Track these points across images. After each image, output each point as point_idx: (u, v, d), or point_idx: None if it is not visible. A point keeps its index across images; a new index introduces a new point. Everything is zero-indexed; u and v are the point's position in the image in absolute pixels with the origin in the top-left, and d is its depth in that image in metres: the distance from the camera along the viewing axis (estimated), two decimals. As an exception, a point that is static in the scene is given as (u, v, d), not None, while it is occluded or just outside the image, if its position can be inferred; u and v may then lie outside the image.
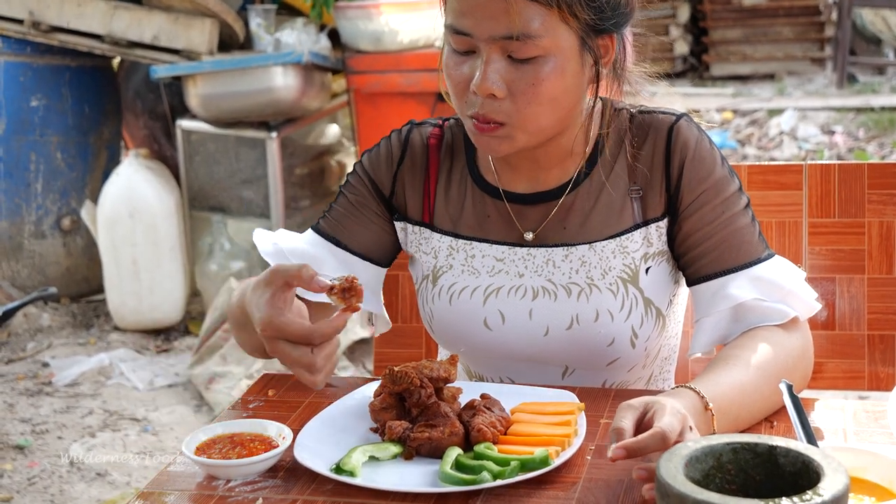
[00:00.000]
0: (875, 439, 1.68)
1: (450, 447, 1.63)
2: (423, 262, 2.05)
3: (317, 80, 5.40)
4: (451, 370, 1.74)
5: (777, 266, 1.91)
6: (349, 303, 1.66)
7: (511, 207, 1.98)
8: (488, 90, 1.78)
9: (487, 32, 1.76)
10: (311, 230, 2.07)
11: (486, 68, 1.78)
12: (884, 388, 2.23)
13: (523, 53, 1.77)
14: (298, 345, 1.63)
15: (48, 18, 5.55)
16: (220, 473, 1.63)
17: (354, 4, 5.20)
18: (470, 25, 1.77)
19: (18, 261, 5.92)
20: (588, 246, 1.93)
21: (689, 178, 1.91)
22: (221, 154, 5.62)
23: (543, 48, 1.77)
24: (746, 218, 1.92)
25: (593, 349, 1.93)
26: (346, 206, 2.06)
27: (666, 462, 1.25)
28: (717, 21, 11.67)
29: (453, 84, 1.85)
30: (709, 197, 1.90)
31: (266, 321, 1.64)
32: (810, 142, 8.97)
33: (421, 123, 2.08)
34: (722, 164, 1.93)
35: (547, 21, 1.76)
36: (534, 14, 1.75)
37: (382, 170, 2.06)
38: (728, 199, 1.91)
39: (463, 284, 1.99)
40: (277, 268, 1.67)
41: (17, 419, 4.69)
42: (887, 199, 2.23)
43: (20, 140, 5.78)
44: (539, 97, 1.80)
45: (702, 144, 1.93)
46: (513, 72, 1.78)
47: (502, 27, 1.75)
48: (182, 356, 5.36)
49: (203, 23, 5.38)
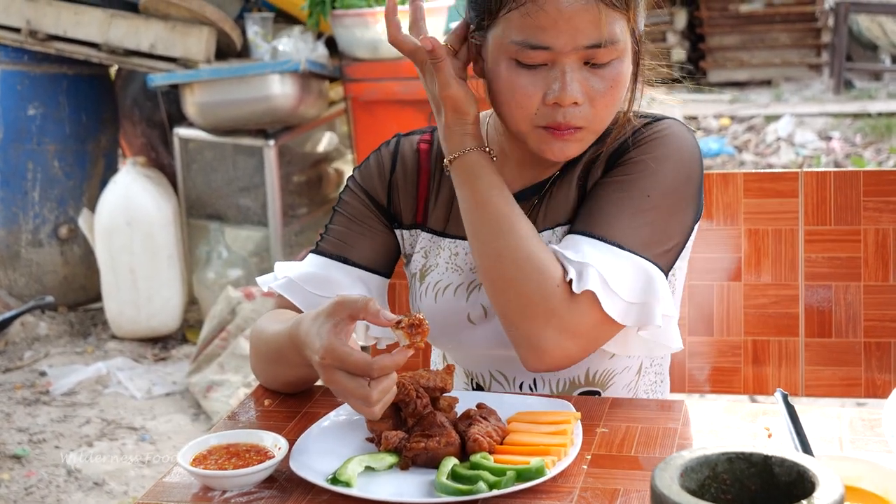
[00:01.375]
0: (870, 448, 1.68)
1: (446, 457, 1.63)
2: (414, 261, 2.06)
3: (314, 88, 5.41)
4: (448, 380, 1.74)
5: (656, 279, 1.83)
6: (413, 340, 1.64)
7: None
8: (573, 99, 1.80)
9: (572, 44, 1.78)
10: (313, 254, 2.05)
11: (565, 79, 1.79)
12: (880, 396, 2.23)
13: (604, 59, 1.81)
14: (356, 376, 1.62)
15: (45, 27, 5.56)
16: (215, 484, 1.63)
17: (351, 12, 5.20)
18: (551, 39, 1.78)
19: (15, 269, 5.92)
20: (551, 231, 1.94)
21: (620, 157, 1.91)
22: (219, 162, 5.62)
23: (619, 52, 1.82)
24: (640, 211, 1.85)
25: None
26: (345, 224, 2.05)
27: (661, 473, 1.25)
28: (714, 27, 11.68)
29: (520, 99, 1.82)
30: (622, 169, 1.90)
31: (328, 349, 1.63)
32: (807, 148, 8.97)
33: (408, 134, 2.09)
34: (667, 161, 1.89)
35: (622, 26, 1.81)
36: (615, 20, 1.79)
37: (376, 181, 2.06)
38: (634, 183, 1.87)
39: (447, 281, 2.00)
40: (342, 299, 1.66)
41: (14, 428, 4.68)
42: (883, 206, 2.23)
43: (17, 148, 5.78)
44: (615, 98, 1.84)
45: (662, 138, 1.91)
46: (590, 77, 1.81)
47: (590, 37, 1.78)
48: (180, 365, 5.36)
49: (200, 31, 5.39)
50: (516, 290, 1.81)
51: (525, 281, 1.80)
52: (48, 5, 5.55)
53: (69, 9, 5.53)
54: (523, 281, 1.80)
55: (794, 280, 2.24)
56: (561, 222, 1.95)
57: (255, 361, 1.99)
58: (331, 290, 1.97)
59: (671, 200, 1.87)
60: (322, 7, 5.29)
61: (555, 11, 1.76)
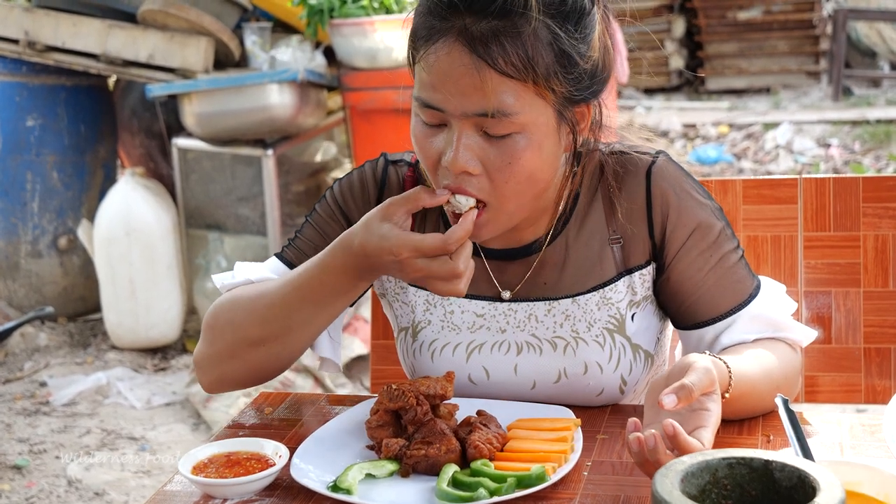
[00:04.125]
0: (871, 453, 1.68)
1: (446, 464, 1.63)
2: (401, 313, 2.00)
3: (312, 97, 5.41)
4: (448, 387, 1.74)
5: (769, 297, 1.90)
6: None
7: (489, 264, 1.92)
8: (462, 168, 1.68)
9: (460, 109, 1.67)
10: (275, 257, 2.00)
11: (457, 144, 1.68)
12: (880, 402, 2.23)
13: (498, 130, 1.67)
14: (436, 258, 1.64)
15: (43, 38, 5.56)
16: (216, 492, 1.63)
17: (349, 22, 5.21)
18: (441, 100, 1.68)
19: (15, 280, 5.92)
20: (571, 300, 1.88)
21: (673, 225, 1.86)
22: (217, 172, 5.62)
23: (519, 124, 1.67)
24: (736, 255, 1.89)
25: (582, 399, 1.90)
26: (312, 237, 1.98)
27: (662, 478, 1.25)
28: (713, 35, 11.70)
29: (425, 157, 1.75)
30: (696, 242, 1.86)
31: (402, 243, 1.65)
32: (806, 155, 8.98)
33: (395, 161, 1.99)
34: (703, 203, 1.88)
35: (522, 97, 1.66)
36: (508, 90, 1.65)
37: (357, 203, 1.97)
38: (716, 242, 1.87)
39: (444, 341, 1.94)
40: (392, 199, 1.69)
41: (14, 439, 4.68)
42: (882, 212, 2.23)
43: (16, 159, 5.78)
44: (517, 175, 1.70)
45: (682, 186, 1.87)
46: (487, 148, 1.69)
47: (476, 104, 1.66)
48: (179, 374, 5.36)
49: (198, 41, 5.39)
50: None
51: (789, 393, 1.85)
52: (46, 16, 5.56)
53: (67, 19, 5.54)
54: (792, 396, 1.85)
55: (793, 286, 2.24)
56: (609, 279, 1.89)
57: (285, 308, 1.83)
58: None
59: (720, 218, 1.90)
60: (320, 16, 5.30)
61: (443, 72, 1.67)
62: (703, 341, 1.89)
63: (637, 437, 1.48)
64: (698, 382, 1.51)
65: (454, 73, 1.66)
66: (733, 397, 1.66)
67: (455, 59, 1.66)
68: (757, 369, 1.75)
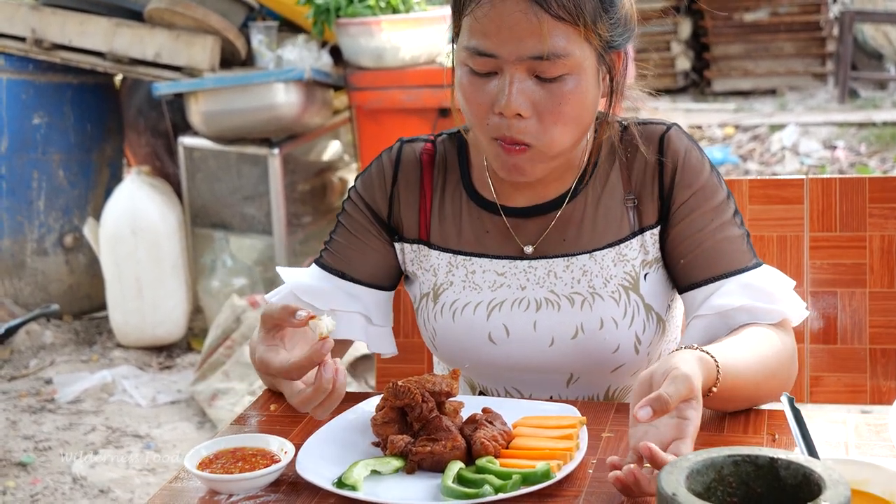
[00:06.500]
0: (876, 452, 1.68)
1: (452, 461, 1.63)
2: (423, 279, 2.04)
3: (318, 96, 5.41)
4: (453, 384, 1.74)
5: (766, 273, 1.93)
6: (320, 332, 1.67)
7: (509, 222, 1.98)
8: (516, 110, 1.78)
9: (515, 53, 1.76)
10: (315, 264, 2.07)
11: (511, 89, 1.77)
12: (886, 403, 2.23)
13: (550, 73, 1.78)
14: (290, 381, 1.68)
15: (50, 36, 5.57)
16: (222, 488, 1.63)
17: (356, 21, 5.21)
18: (495, 46, 1.77)
19: (21, 278, 5.92)
20: (588, 255, 1.95)
21: (679, 184, 1.93)
22: (223, 171, 5.63)
23: (569, 67, 1.78)
24: (735, 227, 1.94)
25: (598, 357, 1.94)
26: (345, 237, 2.05)
27: (667, 475, 1.25)
28: (719, 37, 11.68)
29: (473, 107, 1.83)
30: (698, 202, 1.93)
31: (259, 361, 1.73)
32: (812, 157, 8.97)
33: (412, 140, 2.07)
34: (711, 171, 1.96)
35: (572, 39, 1.77)
36: (561, 33, 1.76)
37: (377, 192, 2.05)
38: (717, 207, 1.93)
39: (465, 300, 1.99)
40: (264, 310, 1.72)
41: (19, 436, 4.69)
42: (888, 212, 2.23)
43: (22, 158, 5.79)
44: (564, 116, 1.80)
45: (692, 152, 1.96)
46: (538, 91, 1.79)
47: (532, 48, 1.76)
48: (185, 373, 5.36)
49: (205, 40, 5.40)
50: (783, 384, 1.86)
51: (787, 379, 1.87)
52: (53, 14, 5.57)
53: (74, 18, 5.54)
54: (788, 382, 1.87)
55: (799, 286, 2.23)
56: (624, 237, 1.96)
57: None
58: (327, 303, 1.98)
59: (726, 190, 1.97)
60: (327, 16, 5.30)
61: (498, 19, 1.76)
62: (695, 303, 1.92)
63: (616, 476, 1.51)
64: (675, 393, 1.52)
65: (510, 18, 1.75)
66: (724, 390, 1.68)
67: (511, 5, 1.76)
68: (749, 358, 1.76)
